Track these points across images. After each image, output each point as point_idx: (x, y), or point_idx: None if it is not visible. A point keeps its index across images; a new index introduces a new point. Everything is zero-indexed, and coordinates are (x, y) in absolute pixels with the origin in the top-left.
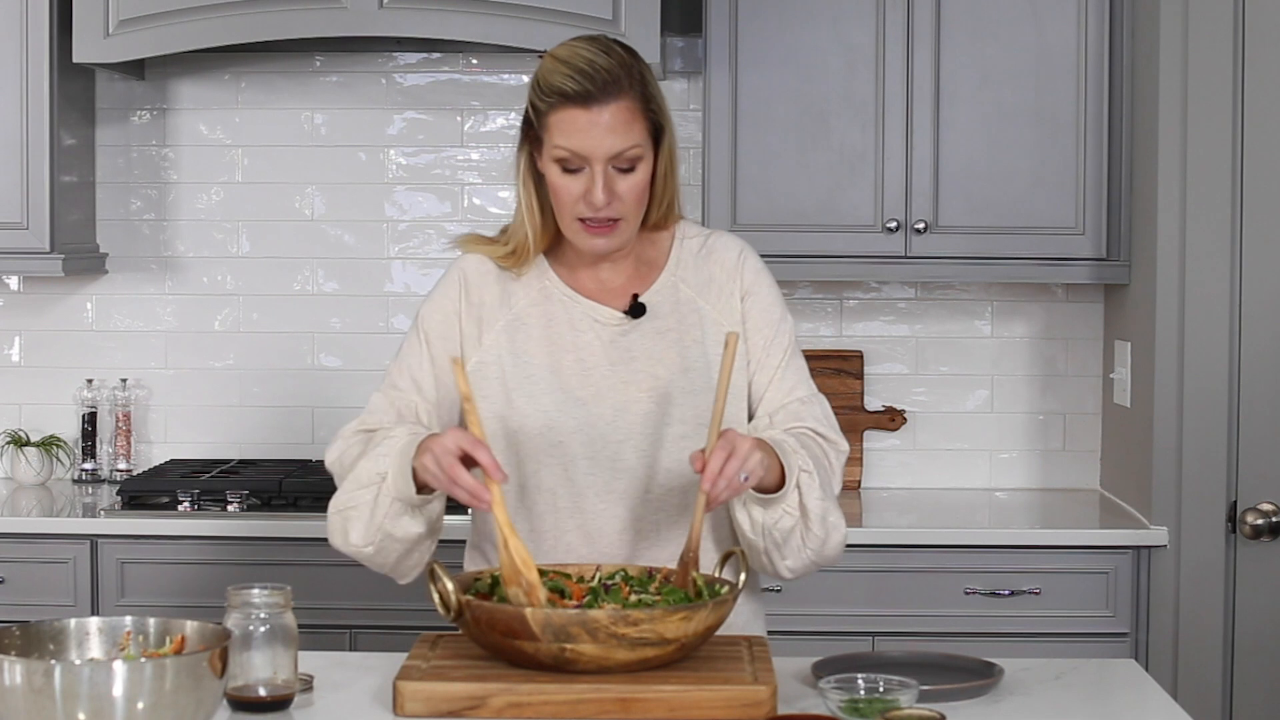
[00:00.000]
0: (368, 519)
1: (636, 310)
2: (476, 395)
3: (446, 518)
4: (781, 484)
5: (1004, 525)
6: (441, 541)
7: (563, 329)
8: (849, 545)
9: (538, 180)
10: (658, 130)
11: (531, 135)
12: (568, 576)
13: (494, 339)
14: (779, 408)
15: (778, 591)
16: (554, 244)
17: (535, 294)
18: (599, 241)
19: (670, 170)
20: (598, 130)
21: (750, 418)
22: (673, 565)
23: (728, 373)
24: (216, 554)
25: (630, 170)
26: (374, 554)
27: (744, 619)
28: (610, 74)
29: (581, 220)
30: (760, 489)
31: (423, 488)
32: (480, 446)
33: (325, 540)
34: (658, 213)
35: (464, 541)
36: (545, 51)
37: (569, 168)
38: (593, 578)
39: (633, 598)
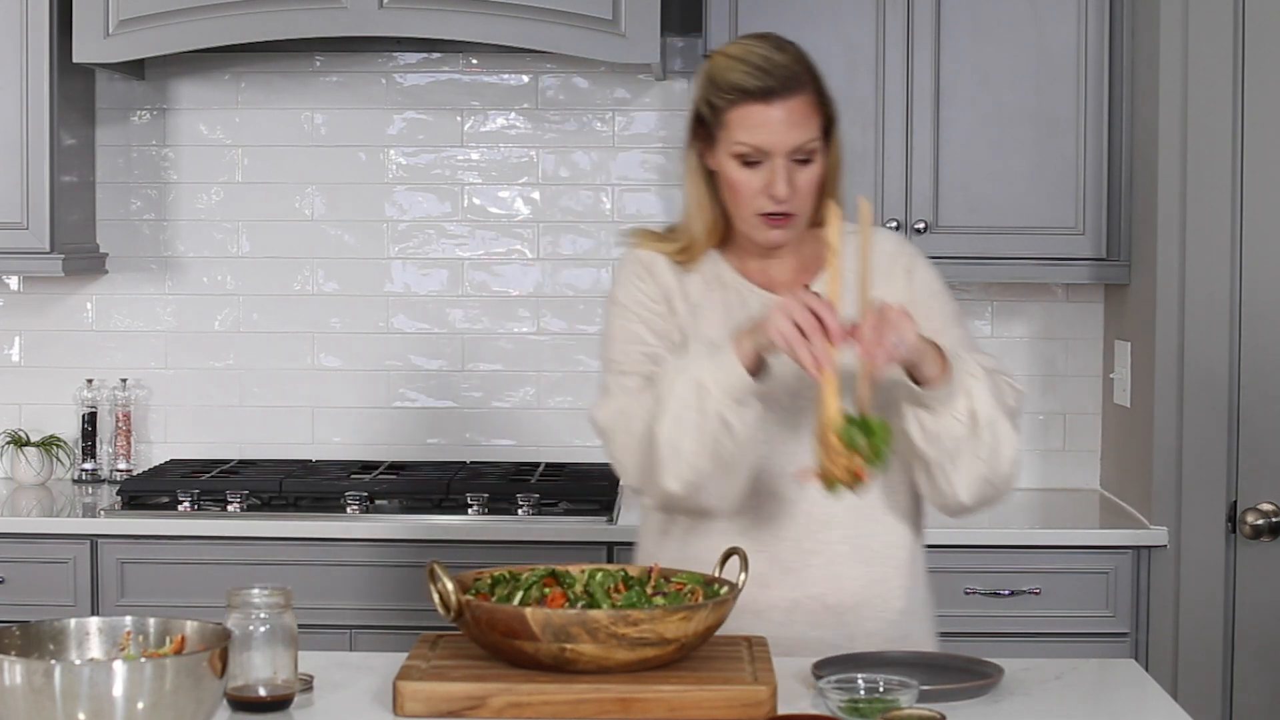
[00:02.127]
0: (695, 437)
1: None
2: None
3: (445, 518)
4: (943, 376)
5: (1004, 525)
6: (441, 541)
7: (740, 314)
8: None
9: (706, 178)
10: (828, 123)
11: (702, 134)
12: (566, 577)
13: (680, 322)
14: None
15: None
16: (721, 243)
17: (711, 282)
18: (776, 234)
19: (838, 164)
20: (779, 125)
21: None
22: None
23: (867, 237)
24: (216, 554)
25: (807, 162)
26: (710, 474)
27: (921, 633)
28: (789, 69)
29: (759, 213)
30: (920, 381)
31: (753, 372)
32: (828, 308)
33: (325, 540)
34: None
35: (464, 541)
36: (709, 53)
37: (749, 161)
38: (586, 582)
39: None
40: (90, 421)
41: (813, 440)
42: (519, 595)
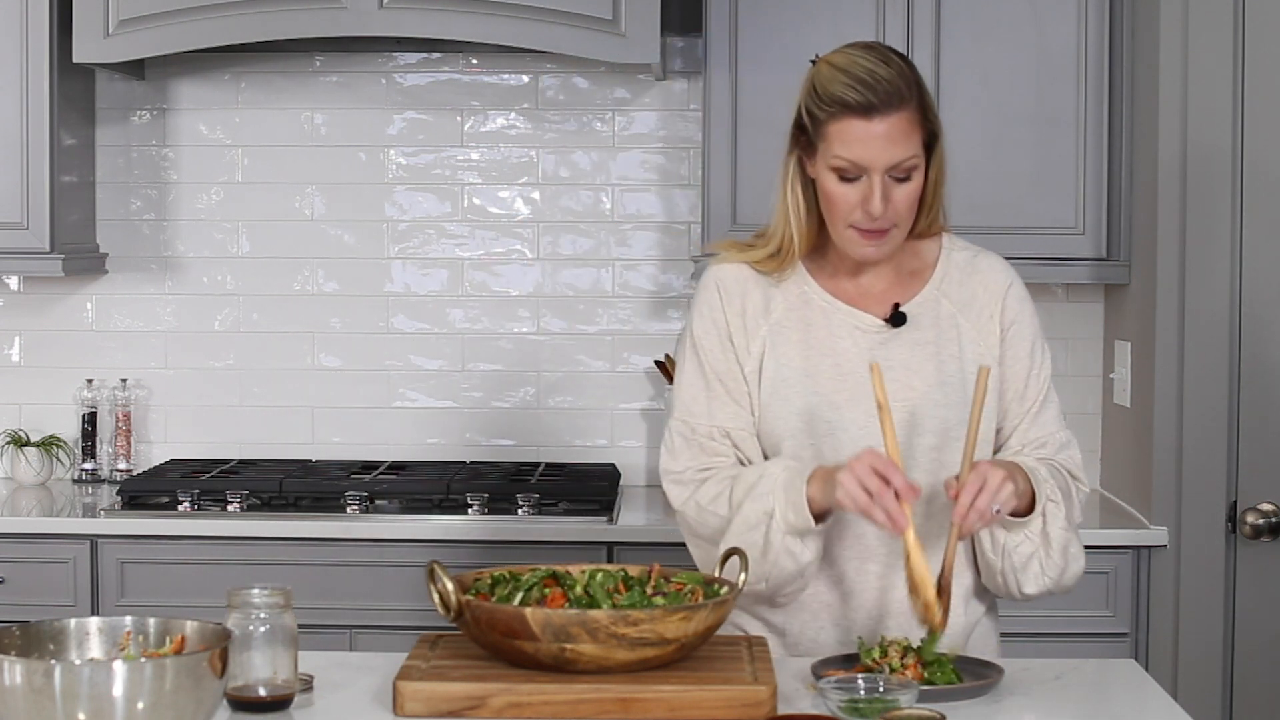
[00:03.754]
0: (759, 559)
1: (897, 319)
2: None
3: (445, 518)
4: (1031, 510)
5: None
6: (442, 542)
7: (820, 334)
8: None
9: (804, 184)
10: (930, 138)
11: (803, 141)
12: (565, 578)
13: (759, 345)
14: (1038, 444)
15: None
16: (814, 249)
17: (794, 299)
18: (870, 249)
19: (940, 179)
20: (879, 141)
21: (996, 450)
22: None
23: (979, 406)
24: (216, 554)
25: (906, 179)
26: (765, 590)
27: (982, 638)
28: (892, 85)
29: (854, 227)
30: (1010, 513)
31: (819, 516)
32: (893, 468)
33: (325, 540)
34: (926, 221)
35: (464, 541)
36: (818, 57)
37: (847, 176)
38: (586, 583)
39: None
40: (90, 421)
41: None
42: (519, 596)
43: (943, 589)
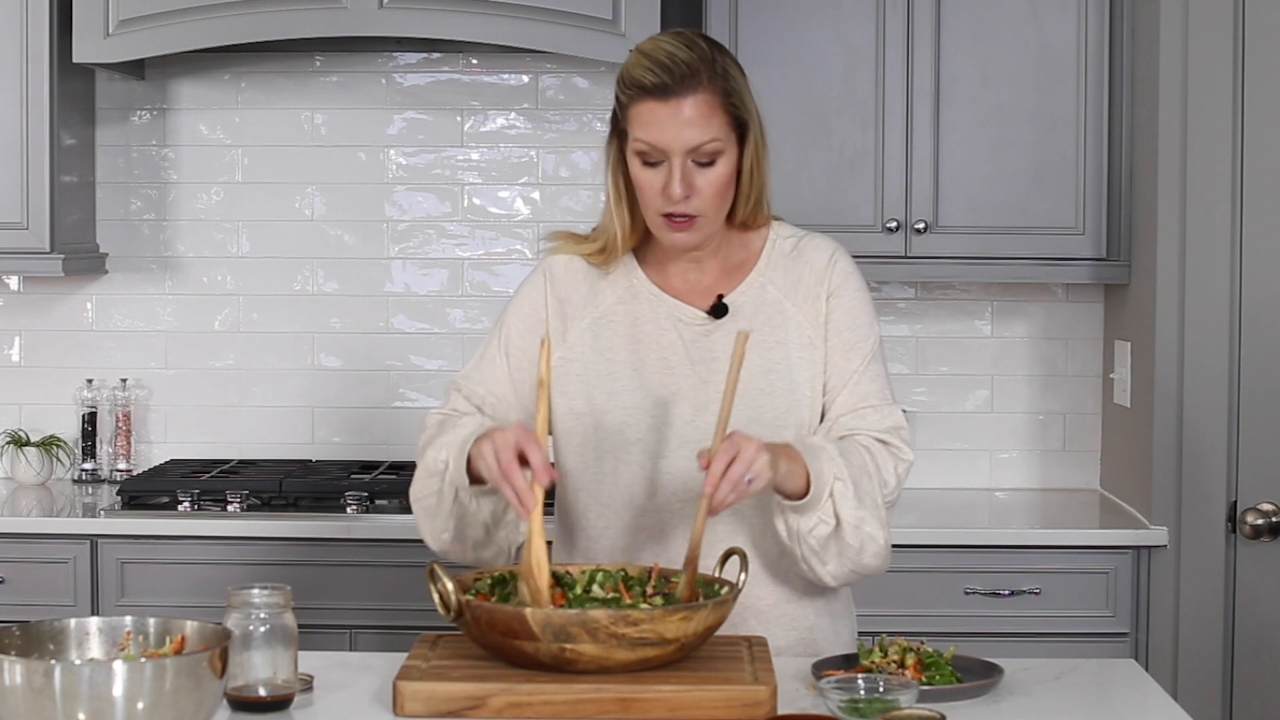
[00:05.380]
0: (435, 507)
1: (719, 310)
2: (556, 391)
3: None
4: (807, 490)
5: (1004, 525)
6: None
7: (647, 327)
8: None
9: (625, 174)
10: (742, 125)
11: (619, 129)
12: (565, 579)
13: (578, 336)
14: (849, 411)
15: None
16: (644, 242)
17: (622, 291)
18: (679, 236)
19: (756, 166)
20: (675, 123)
21: (822, 418)
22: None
23: (736, 371)
24: (216, 554)
25: (710, 164)
26: (451, 541)
27: (831, 619)
28: (689, 66)
29: (664, 215)
30: (787, 494)
31: (476, 479)
32: (534, 444)
33: (325, 540)
34: (744, 210)
35: None
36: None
37: (649, 161)
38: (588, 583)
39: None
40: (90, 421)
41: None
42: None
43: (689, 562)
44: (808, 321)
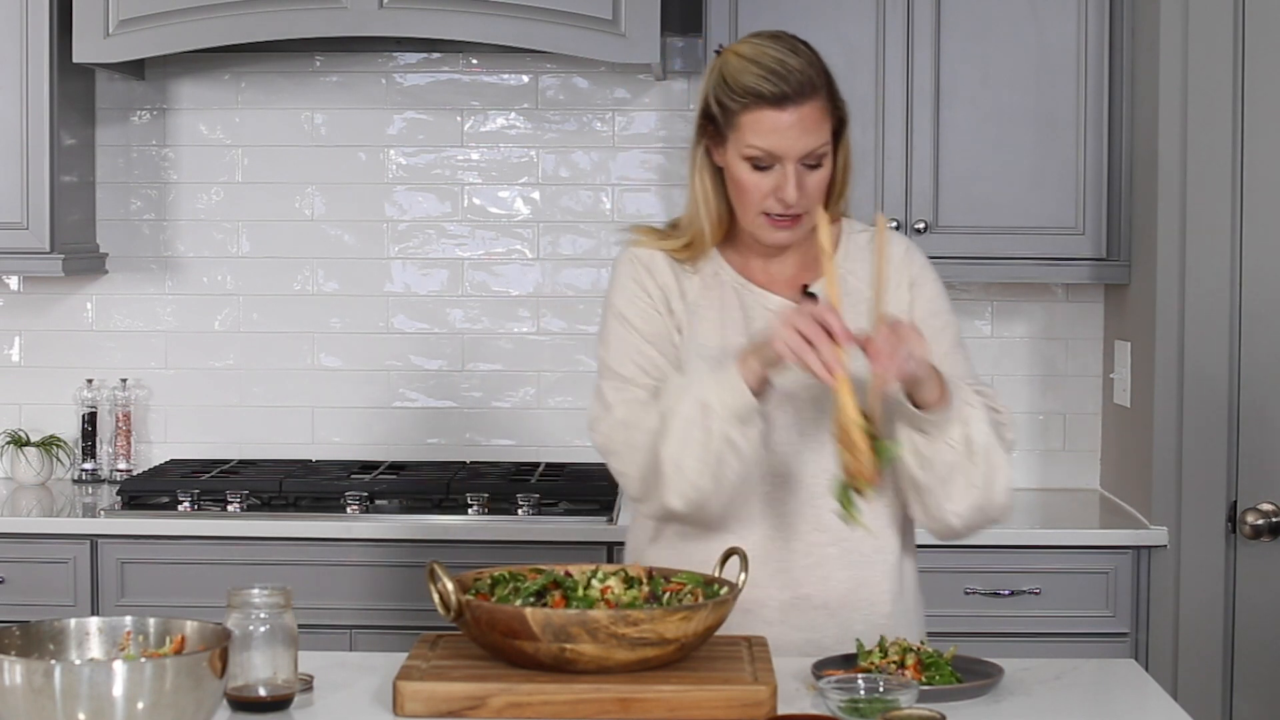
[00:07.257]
0: (701, 455)
1: (807, 299)
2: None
3: (445, 518)
4: (941, 402)
5: (1004, 525)
6: (441, 541)
7: (735, 315)
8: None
9: (712, 173)
10: (841, 125)
11: (710, 130)
12: (565, 580)
13: (677, 322)
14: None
15: None
16: (724, 235)
17: (709, 280)
18: (782, 234)
19: (848, 164)
20: (792, 131)
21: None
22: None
23: (882, 256)
24: (216, 554)
25: (817, 166)
26: (712, 484)
27: (909, 636)
28: (803, 75)
29: (766, 214)
30: (919, 404)
31: (756, 392)
32: (833, 313)
33: (325, 540)
34: (836, 204)
35: (464, 541)
36: (721, 47)
37: (760, 165)
38: (587, 583)
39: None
40: (90, 421)
41: (832, 443)
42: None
43: (874, 440)
44: (890, 304)
